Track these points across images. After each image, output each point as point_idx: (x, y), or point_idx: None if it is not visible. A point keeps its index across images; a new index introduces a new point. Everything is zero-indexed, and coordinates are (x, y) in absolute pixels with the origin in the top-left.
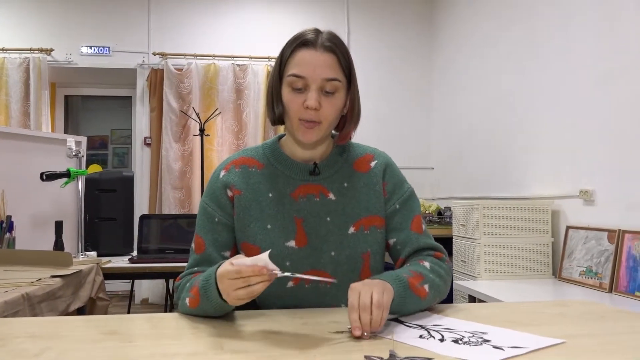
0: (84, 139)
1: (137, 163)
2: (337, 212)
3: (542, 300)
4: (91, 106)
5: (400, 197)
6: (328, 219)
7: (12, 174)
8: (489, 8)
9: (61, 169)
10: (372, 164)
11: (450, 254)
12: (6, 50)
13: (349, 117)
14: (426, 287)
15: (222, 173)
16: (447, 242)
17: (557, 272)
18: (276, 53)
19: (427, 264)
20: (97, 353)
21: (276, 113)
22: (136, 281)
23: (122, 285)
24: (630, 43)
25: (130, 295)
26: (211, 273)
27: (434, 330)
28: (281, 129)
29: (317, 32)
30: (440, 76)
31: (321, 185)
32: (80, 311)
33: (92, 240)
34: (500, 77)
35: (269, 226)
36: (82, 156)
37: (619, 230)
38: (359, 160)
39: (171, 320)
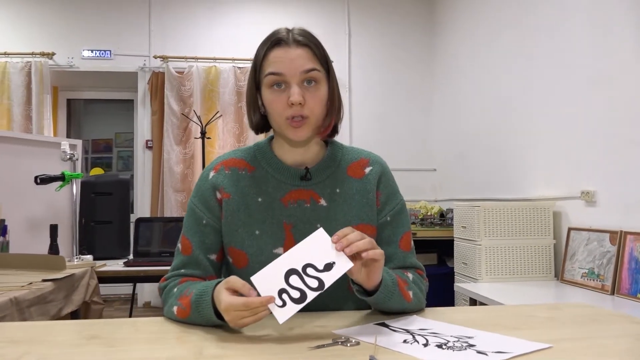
0: (79, 142)
1: (139, 166)
2: (328, 218)
3: (542, 302)
4: (95, 109)
5: (392, 209)
6: (318, 225)
7: (6, 178)
8: (488, 11)
9: (56, 172)
10: (367, 170)
11: (451, 256)
12: (8, 54)
13: (329, 108)
14: (410, 293)
15: (212, 174)
16: (448, 244)
17: (559, 274)
18: None
19: (410, 275)
20: (75, 357)
21: (254, 120)
22: (138, 284)
23: (125, 289)
24: (627, 43)
25: (132, 298)
26: (207, 290)
27: (419, 335)
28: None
29: (287, 30)
30: (441, 77)
31: (312, 190)
32: (74, 315)
33: (88, 243)
34: (501, 78)
35: (257, 232)
36: (77, 159)
37: (621, 231)
38: (354, 164)
39: (155, 324)
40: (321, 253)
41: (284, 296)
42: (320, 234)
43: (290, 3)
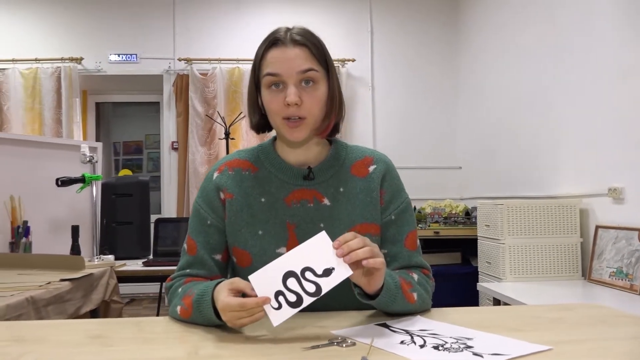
0: (99, 145)
1: (165, 167)
2: (331, 218)
3: (567, 302)
4: (124, 112)
5: (397, 207)
6: (322, 225)
7: (29, 181)
8: (513, 5)
9: (77, 174)
10: (371, 168)
11: (476, 255)
12: (39, 60)
13: (329, 108)
14: (415, 295)
15: (216, 174)
16: (473, 243)
17: (586, 274)
18: None
19: (415, 276)
20: (73, 357)
21: (253, 121)
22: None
23: (152, 288)
24: None
25: (159, 297)
26: (207, 290)
27: (417, 336)
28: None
29: (286, 29)
30: (465, 74)
31: (316, 190)
32: (93, 314)
33: (110, 244)
34: (526, 73)
35: (260, 232)
36: (96, 162)
37: None
38: (357, 163)
39: (159, 324)
40: (321, 257)
41: (280, 298)
42: (322, 237)
43: (312, 2)
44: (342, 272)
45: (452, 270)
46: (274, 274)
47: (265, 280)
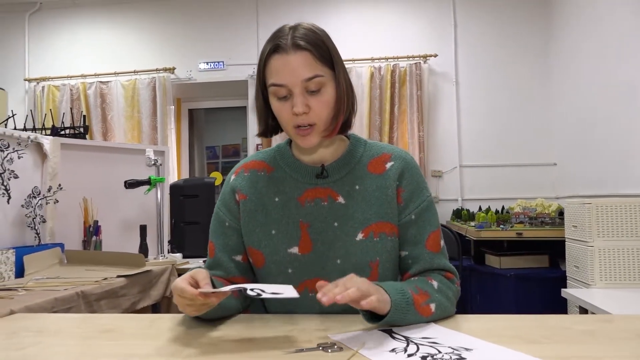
0: (167, 149)
1: None
2: (345, 217)
3: None
4: (217, 117)
5: (417, 206)
6: (336, 224)
7: (103, 184)
8: None
9: (144, 177)
10: (388, 165)
11: (563, 257)
12: (137, 72)
13: (338, 108)
14: (432, 306)
15: (232, 177)
16: (561, 245)
17: None
18: (380, 53)
19: (435, 283)
20: (70, 349)
21: (261, 128)
22: None
23: None
24: None
25: None
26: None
27: (414, 344)
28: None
29: (288, 30)
30: (559, 64)
31: (330, 188)
32: (154, 308)
33: (178, 242)
34: (624, 66)
35: (273, 231)
36: (161, 165)
37: None
38: (374, 160)
39: (171, 321)
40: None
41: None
42: (290, 290)
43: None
44: (289, 294)
45: (537, 274)
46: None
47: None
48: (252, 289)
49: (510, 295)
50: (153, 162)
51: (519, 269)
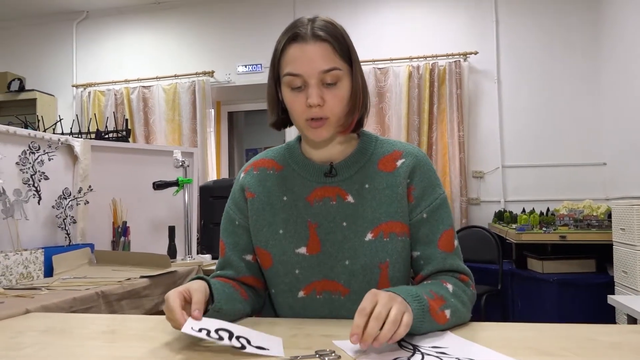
0: (195, 150)
1: None
2: (355, 216)
3: None
4: (257, 120)
5: (429, 205)
6: (344, 224)
7: (133, 185)
8: None
9: (172, 178)
10: (399, 162)
11: (611, 262)
12: (178, 76)
13: (352, 105)
14: (447, 312)
15: (242, 175)
16: (608, 249)
17: None
18: (418, 52)
19: (449, 287)
20: (62, 351)
21: (272, 119)
22: None
23: None
24: None
25: None
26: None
27: (419, 352)
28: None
29: (307, 21)
30: (609, 59)
31: (339, 187)
32: None
33: (207, 243)
34: None
35: (280, 231)
36: (188, 166)
37: None
38: (385, 158)
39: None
40: (264, 341)
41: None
42: (276, 349)
43: None
44: (274, 352)
45: (583, 280)
46: (214, 323)
47: (203, 321)
48: (238, 337)
49: (554, 301)
50: (180, 164)
51: (563, 273)
